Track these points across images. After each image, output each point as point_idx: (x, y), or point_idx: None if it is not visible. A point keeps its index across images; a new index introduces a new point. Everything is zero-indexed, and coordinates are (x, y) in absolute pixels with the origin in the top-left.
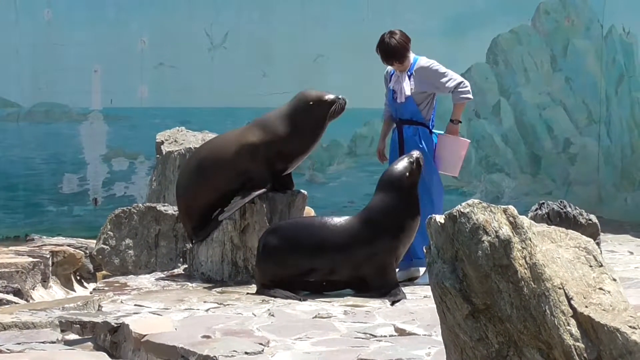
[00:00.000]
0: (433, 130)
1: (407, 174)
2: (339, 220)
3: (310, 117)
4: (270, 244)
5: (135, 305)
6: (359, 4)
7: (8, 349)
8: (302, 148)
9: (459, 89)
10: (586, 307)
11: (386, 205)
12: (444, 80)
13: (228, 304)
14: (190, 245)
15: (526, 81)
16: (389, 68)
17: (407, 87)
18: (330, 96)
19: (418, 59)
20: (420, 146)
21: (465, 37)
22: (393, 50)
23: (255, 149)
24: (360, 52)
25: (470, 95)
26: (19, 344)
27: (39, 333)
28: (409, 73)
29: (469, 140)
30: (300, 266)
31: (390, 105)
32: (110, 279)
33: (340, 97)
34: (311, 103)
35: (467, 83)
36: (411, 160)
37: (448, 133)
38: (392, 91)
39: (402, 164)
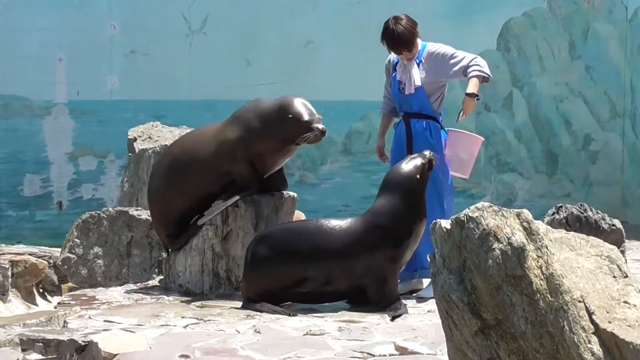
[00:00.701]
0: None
1: (418, 175)
2: (337, 224)
3: (284, 129)
4: (259, 252)
5: (104, 321)
6: None
7: None
8: (277, 154)
9: (473, 63)
10: (609, 322)
11: (392, 208)
12: (454, 60)
13: (209, 320)
14: (166, 254)
15: (541, 70)
16: (392, 56)
17: (417, 76)
18: (310, 121)
19: (426, 45)
20: (432, 142)
21: (473, 21)
22: (400, 38)
23: (235, 147)
24: (355, 38)
25: (486, 71)
26: None
27: None
28: (417, 61)
29: (482, 138)
30: (292, 277)
31: (395, 97)
32: (77, 292)
33: (320, 127)
34: (289, 116)
35: (483, 60)
36: (424, 160)
37: (464, 107)
38: (398, 82)
39: (413, 164)
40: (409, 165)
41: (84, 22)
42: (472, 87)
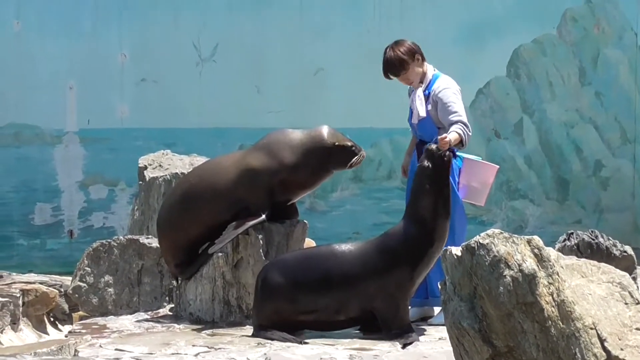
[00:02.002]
0: (457, 153)
1: (430, 171)
2: (348, 248)
3: (328, 158)
4: (270, 279)
5: (115, 349)
6: (364, 11)
7: None
8: (308, 184)
9: (458, 124)
10: (621, 349)
11: (405, 231)
12: (446, 112)
13: (220, 348)
14: (176, 282)
15: (552, 96)
16: None
17: (422, 108)
18: (353, 145)
19: (438, 78)
20: None
21: (483, 48)
22: (388, 63)
23: (257, 175)
24: (365, 65)
25: (465, 135)
26: None
27: None
28: (426, 92)
29: (498, 166)
30: (304, 304)
31: (410, 124)
32: (88, 321)
33: (363, 151)
34: (336, 144)
35: (467, 126)
36: (428, 162)
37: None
38: (411, 109)
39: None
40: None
41: (94, 50)
42: (451, 136)
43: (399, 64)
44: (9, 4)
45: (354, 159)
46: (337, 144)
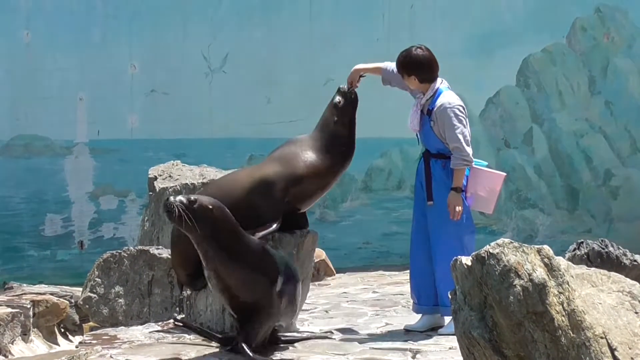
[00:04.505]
0: None
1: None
2: None
3: (339, 121)
4: None
5: None
6: (373, 21)
7: None
8: (322, 182)
9: (456, 153)
10: (632, 358)
11: None
12: (448, 135)
13: (230, 359)
14: (187, 293)
15: (561, 106)
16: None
17: (415, 122)
18: (339, 89)
19: (442, 93)
20: (449, 183)
21: (493, 58)
22: (401, 59)
23: (272, 185)
24: (375, 76)
25: (464, 163)
26: None
27: None
28: (430, 107)
29: (505, 174)
30: None
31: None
32: (99, 331)
33: (342, 87)
34: (335, 101)
35: (466, 152)
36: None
37: (448, 203)
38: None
39: None
40: None
41: (104, 62)
42: (456, 180)
43: (406, 67)
44: (19, 15)
45: (343, 88)
46: (335, 101)
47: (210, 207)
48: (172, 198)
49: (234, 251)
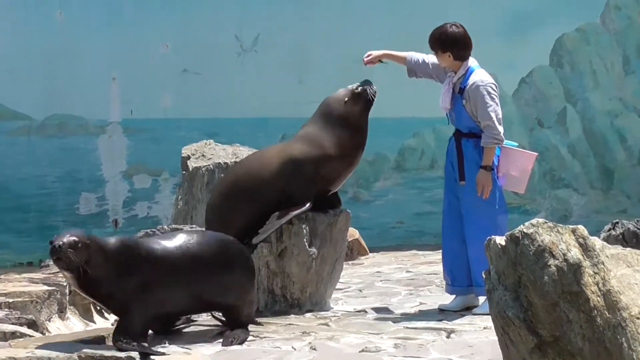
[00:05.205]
0: None
1: None
2: None
3: (351, 116)
4: None
5: (161, 338)
6: (406, 1)
7: None
8: (350, 160)
9: (487, 131)
10: None
11: None
12: (480, 113)
13: (265, 337)
14: None
15: (595, 85)
16: None
17: (447, 100)
18: (360, 85)
19: (474, 71)
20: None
21: (526, 37)
22: (433, 34)
23: (301, 165)
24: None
25: (495, 142)
26: None
27: None
28: (462, 85)
29: (536, 154)
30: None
31: (445, 111)
32: None
33: (367, 85)
34: (346, 100)
35: (497, 130)
36: None
37: (477, 181)
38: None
39: None
40: None
41: (137, 42)
42: (487, 158)
43: (439, 43)
44: None
45: (368, 93)
46: (347, 99)
47: (88, 241)
48: (56, 243)
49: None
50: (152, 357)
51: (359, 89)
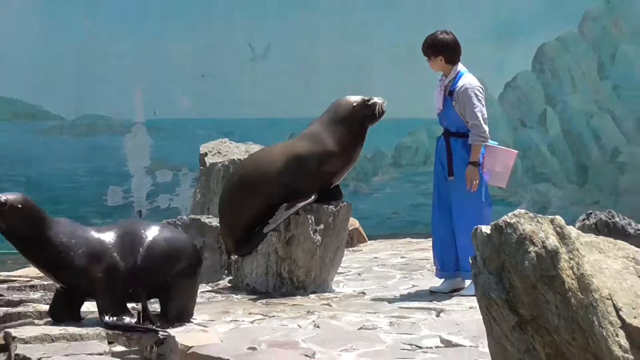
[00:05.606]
0: None
1: None
2: None
3: (354, 121)
4: None
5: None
6: (403, 12)
7: None
8: (349, 157)
9: (474, 130)
10: (635, 317)
11: None
12: (468, 113)
13: (273, 316)
14: (234, 258)
15: (573, 89)
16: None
17: (440, 101)
18: (371, 98)
19: (463, 75)
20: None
21: (511, 45)
22: (428, 40)
23: (305, 161)
24: (405, 61)
25: (481, 140)
26: (67, 355)
27: (86, 345)
28: (451, 88)
29: (517, 151)
30: None
31: (437, 112)
32: None
33: (378, 99)
34: (354, 105)
35: (483, 129)
36: None
37: (467, 175)
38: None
39: None
40: None
41: (159, 48)
42: (473, 155)
43: (431, 49)
44: (81, 5)
45: (377, 108)
46: (356, 104)
47: (20, 205)
48: None
49: (43, 238)
50: (171, 334)
51: (371, 101)
